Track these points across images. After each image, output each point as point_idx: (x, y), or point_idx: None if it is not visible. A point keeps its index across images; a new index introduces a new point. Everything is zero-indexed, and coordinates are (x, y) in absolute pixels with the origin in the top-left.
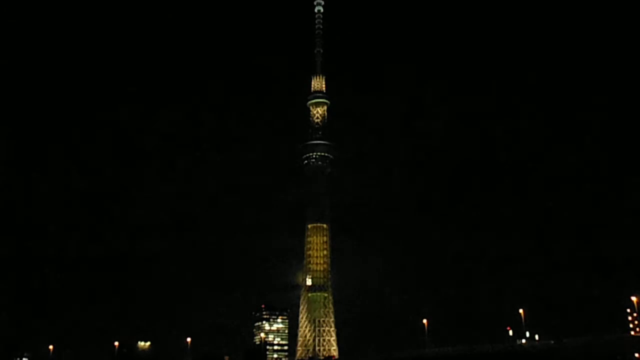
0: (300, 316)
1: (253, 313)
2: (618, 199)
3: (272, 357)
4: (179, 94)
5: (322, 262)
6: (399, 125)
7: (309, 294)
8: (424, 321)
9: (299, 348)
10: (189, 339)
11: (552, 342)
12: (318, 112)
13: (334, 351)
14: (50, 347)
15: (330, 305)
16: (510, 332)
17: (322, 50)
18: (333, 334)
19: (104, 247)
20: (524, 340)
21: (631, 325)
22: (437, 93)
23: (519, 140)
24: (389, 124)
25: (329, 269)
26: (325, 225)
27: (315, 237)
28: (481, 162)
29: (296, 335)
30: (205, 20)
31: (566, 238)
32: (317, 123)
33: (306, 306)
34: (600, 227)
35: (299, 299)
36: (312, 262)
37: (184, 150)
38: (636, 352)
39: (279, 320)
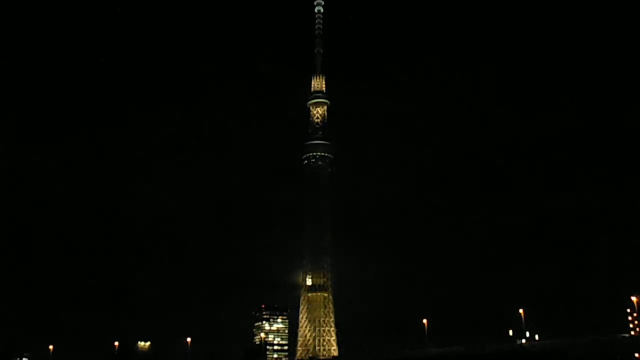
0: (300, 316)
1: (253, 313)
2: (618, 198)
3: (272, 357)
4: (178, 94)
5: (322, 262)
6: (399, 125)
7: (309, 294)
8: (424, 321)
9: (299, 348)
10: (189, 339)
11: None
12: (318, 112)
13: (334, 351)
14: (50, 347)
15: (330, 305)
16: (510, 332)
17: (322, 50)
18: (333, 334)
19: (104, 247)
20: (524, 340)
21: (631, 325)
22: (438, 93)
23: (519, 140)
24: (389, 124)
25: (329, 269)
26: (325, 225)
27: (315, 237)
28: (482, 162)
29: (296, 335)
30: (205, 20)
31: (566, 238)
32: (317, 123)
33: (306, 306)
34: (600, 226)
35: (299, 299)
36: (312, 262)
37: (185, 150)
38: (636, 352)
39: (279, 320)
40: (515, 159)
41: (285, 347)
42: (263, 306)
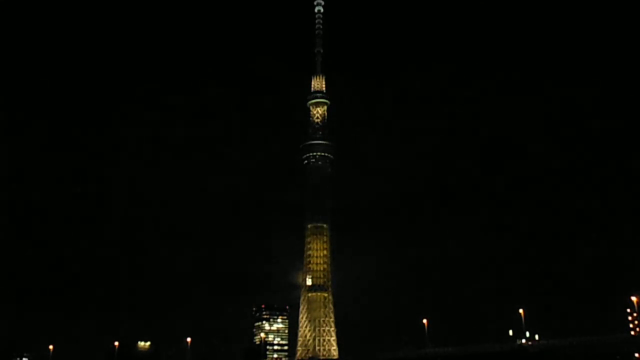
0: (300, 316)
1: (253, 313)
2: (618, 197)
3: (272, 357)
4: (178, 93)
5: (322, 262)
6: (399, 125)
7: (309, 294)
8: (424, 321)
9: (299, 348)
10: (189, 339)
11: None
12: (318, 112)
13: (334, 351)
14: (50, 347)
15: (330, 305)
16: (511, 332)
17: (322, 50)
18: (333, 334)
19: (104, 247)
20: (524, 340)
21: (631, 325)
22: (438, 93)
23: (518, 139)
24: (389, 124)
25: (329, 269)
26: (325, 225)
27: (315, 237)
28: (481, 162)
29: (296, 335)
30: (205, 20)
31: (566, 237)
32: (317, 123)
33: (306, 306)
34: (600, 226)
35: (299, 299)
36: (312, 262)
37: (185, 150)
38: (636, 352)
39: (279, 320)
40: (517, 154)
41: (285, 347)
42: (263, 306)
